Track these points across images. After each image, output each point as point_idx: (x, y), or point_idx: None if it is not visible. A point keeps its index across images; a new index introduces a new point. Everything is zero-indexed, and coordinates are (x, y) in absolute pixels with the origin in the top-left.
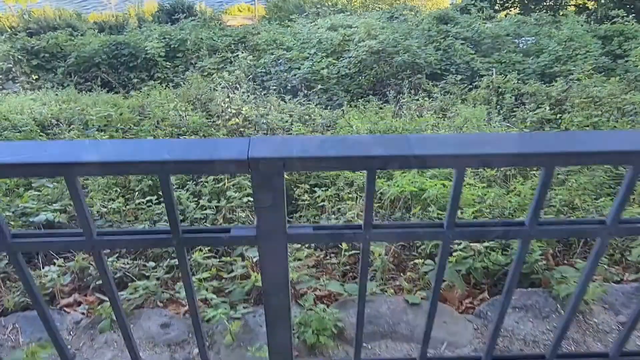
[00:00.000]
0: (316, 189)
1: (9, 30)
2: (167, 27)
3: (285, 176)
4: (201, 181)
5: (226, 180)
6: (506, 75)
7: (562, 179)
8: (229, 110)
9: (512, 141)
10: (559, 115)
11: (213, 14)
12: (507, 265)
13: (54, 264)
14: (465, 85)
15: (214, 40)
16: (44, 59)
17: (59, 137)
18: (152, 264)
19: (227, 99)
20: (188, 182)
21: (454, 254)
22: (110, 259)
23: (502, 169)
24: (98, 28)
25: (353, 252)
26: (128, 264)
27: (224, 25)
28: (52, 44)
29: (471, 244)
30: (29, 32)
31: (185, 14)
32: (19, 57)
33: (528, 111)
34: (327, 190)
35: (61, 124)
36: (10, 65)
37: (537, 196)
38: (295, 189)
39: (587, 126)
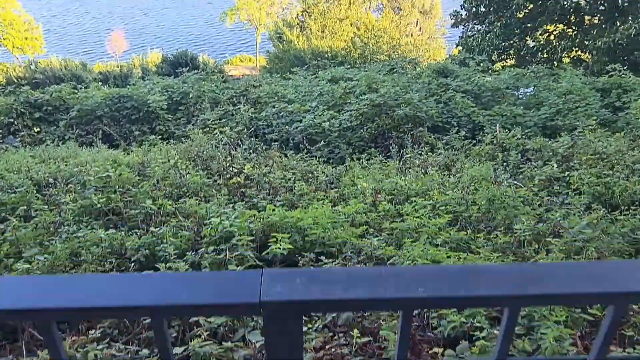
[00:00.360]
0: (323, 257)
1: (16, 80)
2: (170, 80)
3: (288, 244)
4: (201, 250)
5: (227, 251)
6: (509, 130)
7: None
8: (231, 169)
9: (575, 276)
10: (567, 173)
11: (216, 65)
12: (535, 352)
13: None
14: (469, 140)
15: (216, 93)
16: (46, 111)
17: (55, 198)
18: (145, 352)
19: (229, 157)
20: (187, 253)
21: (477, 342)
22: (99, 346)
23: (517, 236)
24: (102, 78)
25: (365, 339)
26: (119, 350)
27: (226, 77)
28: (55, 97)
29: (495, 330)
30: (35, 82)
31: (188, 66)
32: (22, 110)
33: (535, 168)
34: (334, 261)
35: (59, 184)
36: (12, 120)
37: (604, 334)
38: (299, 258)
39: (598, 185)
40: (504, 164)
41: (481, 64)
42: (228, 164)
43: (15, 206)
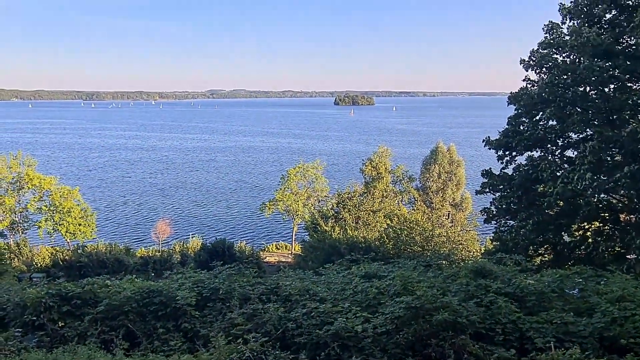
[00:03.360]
0: None
1: (61, 263)
2: (202, 275)
3: None
4: None
5: None
6: (562, 340)
7: None
8: None
9: None
10: None
11: (252, 252)
12: None
13: None
14: (519, 356)
15: (247, 288)
16: (75, 305)
17: None
18: None
19: None
20: None
21: None
22: None
23: None
24: (143, 262)
25: None
26: None
27: (261, 263)
28: (87, 290)
29: None
30: (79, 266)
31: (224, 256)
32: (51, 303)
33: None
34: None
35: None
36: (35, 318)
37: None
38: None
39: None
40: None
41: (520, 264)
42: None
43: None
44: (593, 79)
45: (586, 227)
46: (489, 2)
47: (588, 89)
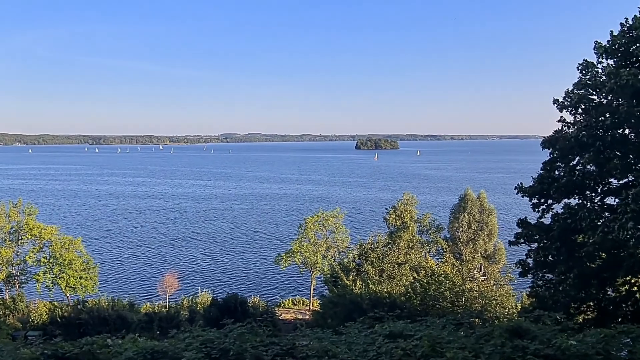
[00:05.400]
0: None
1: (59, 320)
2: (211, 334)
3: None
4: None
5: None
6: None
7: None
8: None
9: None
10: None
11: (267, 308)
12: None
13: None
14: None
15: (260, 349)
16: None
17: None
18: None
19: None
20: None
21: None
22: None
23: None
24: (147, 320)
25: None
26: None
27: (277, 321)
28: (85, 351)
29: None
30: (79, 323)
31: (236, 312)
32: None
33: None
34: None
35: None
36: None
37: None
38: None
39: None
40: None
41: (561, 323)
42: None
43: None
44: (633, 121)
45: (633, 281)
46: (518, 40)
47: (627, 131)
